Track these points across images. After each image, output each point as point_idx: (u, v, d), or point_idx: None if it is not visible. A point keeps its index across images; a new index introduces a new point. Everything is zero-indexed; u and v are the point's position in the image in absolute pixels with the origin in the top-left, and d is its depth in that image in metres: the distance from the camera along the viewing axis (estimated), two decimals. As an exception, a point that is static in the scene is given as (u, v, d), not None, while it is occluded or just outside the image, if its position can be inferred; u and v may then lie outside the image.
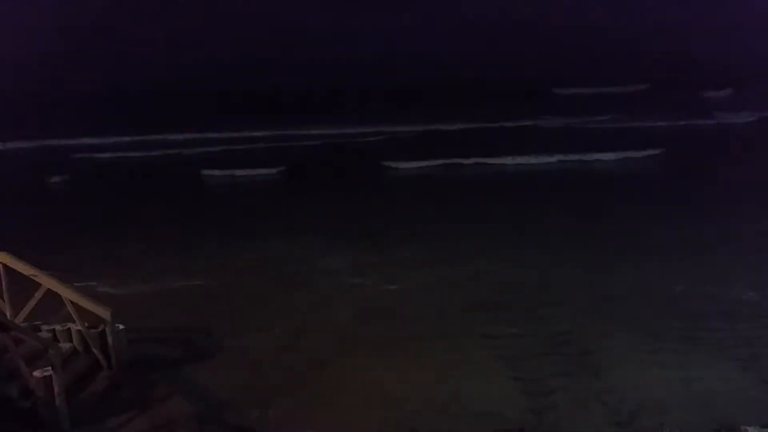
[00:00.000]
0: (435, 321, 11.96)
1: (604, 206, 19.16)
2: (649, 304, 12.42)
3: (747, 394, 9.31)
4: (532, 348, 10.80)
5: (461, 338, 11.23)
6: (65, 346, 10.02)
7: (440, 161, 25.25)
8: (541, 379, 9.84)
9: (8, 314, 9.97)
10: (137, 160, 28.08)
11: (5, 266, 9.93)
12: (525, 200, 20.20)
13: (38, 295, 9.76)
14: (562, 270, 14.27)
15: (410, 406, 9.19)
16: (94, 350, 10.07)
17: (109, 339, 10.13)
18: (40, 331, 10.15)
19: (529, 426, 8.74)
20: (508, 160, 25.02)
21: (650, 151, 25.57)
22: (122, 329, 10.37)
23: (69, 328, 10.20)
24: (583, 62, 50.39)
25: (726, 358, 10.29)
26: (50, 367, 8.43)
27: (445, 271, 14.37)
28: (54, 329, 10.23)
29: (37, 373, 8.43)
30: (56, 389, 8.41)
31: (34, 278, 9.80)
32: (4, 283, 10.05)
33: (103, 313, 10.05)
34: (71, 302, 9.80)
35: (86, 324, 10.04)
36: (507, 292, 13.11)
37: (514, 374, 10.02)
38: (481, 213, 18.95)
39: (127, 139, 31.54)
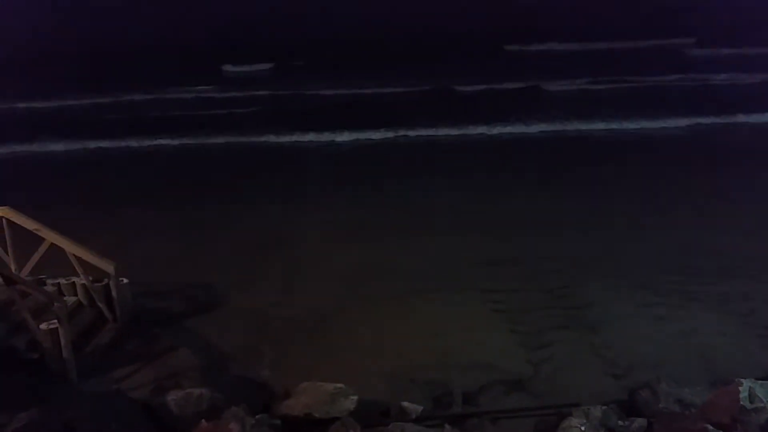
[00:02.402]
0: (435, 276, 12.07)
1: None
2: (647, 258, 12.48)
3: (743, 348, 9.45)
4: (530, 302, 10.92)
5: (461, 292, 11.35)
6: (70, 299, 10.15)
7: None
8: (539, 332, 10.00)
9: (13, 268, 10.08)
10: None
11: (8, 221, 9.98)
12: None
13: (42, 249, 9.84)
14: (559, 227, 14.30)
15: (410, 358, 9.35)
16: (99, 304, 10.20)
17: (113, 292, 10.25)
18: (45, 285, 10.26)
19: (526, 377, 8.91)
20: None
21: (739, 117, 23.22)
22: (126, 283, 10.48)
23: (73, 282, 10.30)
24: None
25: (723, 312, 10.41)
26: (56, 320, 8.55)
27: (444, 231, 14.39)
28: (59, 283, 10.34)
29: (43, 326, 8.55)
30: (63, 341, 8.55)
31: (37, 233, 9.86)
32: (8, 237, 10.13)
33: (107, 266, 10.14)
34: (75, 256, 9.89)
35: (90, 278, 10.15)
36: (506, 250, 13.15)
37: (512, 327, 10.17)
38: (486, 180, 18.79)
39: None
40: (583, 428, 7.22)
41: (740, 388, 7.21)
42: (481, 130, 23.49)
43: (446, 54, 38.06)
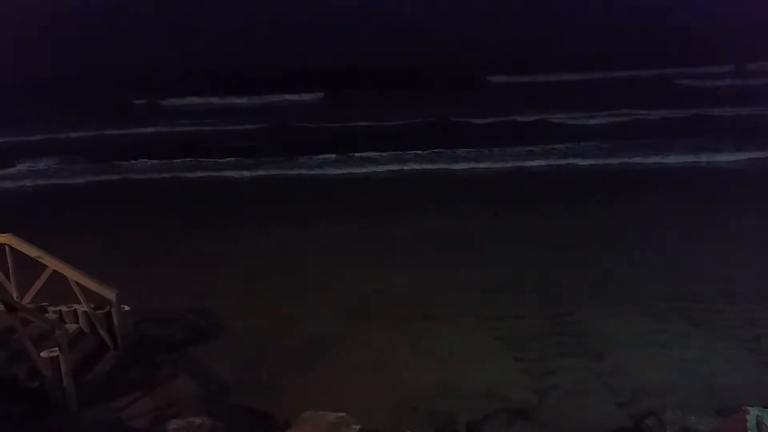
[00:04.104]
0: (437, 302, 12.01)
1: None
2: (651, 285, 12.41)
3: (749, 375, 9.35)
4: (534, 329, 10.85)
5: (464, 319, 11.28)
6: (72, 327, 10.09)
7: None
8: (543, 360, 9.90)
9: (15, 296, 10.06)
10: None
11: (11, 248, 9.98)
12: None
13: (44, 276, 9.82)
14: (563, 255, 14.26)
15: (412, 386, 9.27)
16: (101, 331, 10.14)
17: (115, 320, 10.20)
18: (47, 312, 10.21)
19: (530, 406, 8.81)
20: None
21: None
22: (128, 310, 10.43)
23: (75, 310, 10.26)
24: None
25: (729, 339, 10.31)
26: (57, 348, 8.50)
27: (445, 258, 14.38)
28: (60, 310, 10.29)
29: (44, 354, 8.48)
30: (63, 369, 8.47)
31: (39, 260, 9.85)
32: (10, 264, 10.12)
33: (109, 294, 10.10)
34: (77, 283, 9.87)
35: (92, 305, 10.12)
36: (509, 276, 13.11)
37: (516, 355, 10.09)
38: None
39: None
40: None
41: (747, 417, 7.11)
42: (485, 163, 23.54)
43: (444, 86, 38.36)
